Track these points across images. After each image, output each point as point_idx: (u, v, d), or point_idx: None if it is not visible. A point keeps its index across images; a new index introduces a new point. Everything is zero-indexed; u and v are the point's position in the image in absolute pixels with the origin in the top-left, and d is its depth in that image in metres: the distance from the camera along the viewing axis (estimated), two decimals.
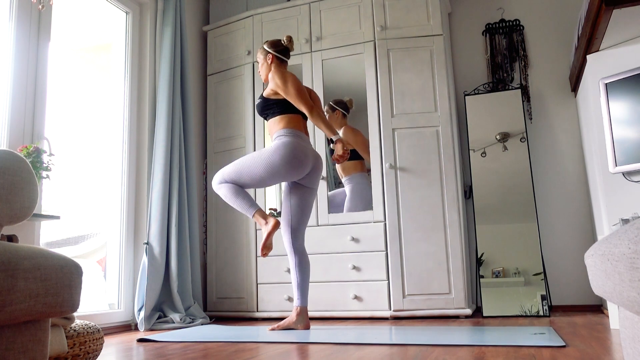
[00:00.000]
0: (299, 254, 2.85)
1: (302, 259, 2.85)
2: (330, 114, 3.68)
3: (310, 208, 2.93)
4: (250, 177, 2.77)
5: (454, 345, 2.10)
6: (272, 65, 2.96)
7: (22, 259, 1.06)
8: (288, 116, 2.84)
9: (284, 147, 2.73)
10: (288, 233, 2.86)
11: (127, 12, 3.61)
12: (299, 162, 2.74)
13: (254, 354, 2.07)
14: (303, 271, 2.83)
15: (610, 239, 0.91)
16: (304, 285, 2.82)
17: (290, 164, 2.72)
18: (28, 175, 1.27)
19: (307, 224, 2.95)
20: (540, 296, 3.26)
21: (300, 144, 2.77)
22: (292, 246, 2.85)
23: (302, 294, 2.81)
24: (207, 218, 3.96)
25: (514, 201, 3.50)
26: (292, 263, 2.85)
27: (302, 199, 2.88)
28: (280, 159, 2.71)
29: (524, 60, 3.84)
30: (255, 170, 2.75)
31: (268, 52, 2.98)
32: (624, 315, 1.01)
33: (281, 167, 2.72)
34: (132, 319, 3.30)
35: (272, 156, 2.72)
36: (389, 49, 3.54)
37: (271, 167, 2.72)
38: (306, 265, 2.85)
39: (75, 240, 3.50)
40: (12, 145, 2.57)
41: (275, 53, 2.97)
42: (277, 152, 2.72)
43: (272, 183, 2.84)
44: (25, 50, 2.70)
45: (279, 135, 2.80)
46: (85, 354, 1.75)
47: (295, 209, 2.87)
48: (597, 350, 1.89)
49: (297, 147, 2.75)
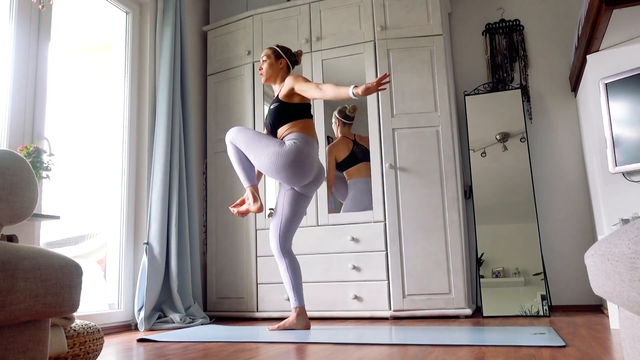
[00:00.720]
0: (288, 256, 2.83)
1: (293, 261, 2.83)
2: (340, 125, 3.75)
3: (302, 213, 2.91)
4: (253, 158, 2.77)
5: (454, 345, 2.10)
6: (284, 70, 2.93)
7: (22, 259, 1.06)
8: (302, 121, 2.81)
9: (293, 154, 2.69)
10: (277, 237, 2.83)
11: (127, 12, 3.61)
12: (304, 171, 2.72)
13: (254, 354, 2.07)
14: (295, 273, 2.81)
15: (610, 239, 0.91)
16: (299, 285, 2.81)
17: (294, 172, 2.70)
18: (28, 175, 1.27)
19: (296, 229, 2.93)
20: (540, 296, 3.26)
21: (310, 154, 2.74)
22: (280, 250, 2.83)
23: (298, 295, 2.80)
24: (207, 218, 3.96)
25: (514, 201, 3.50)
26: (282, 267, 2.82)
27: (297, 205, 2.85)
28: (287, 163, 2.68)
29: (524, 60, 3.84)
30: (261, 157, 2.73)
31: (282, 56, 2.94)
32: (624, 315, 1.01)
33: (283, 171, 2.70)
34: (132, 319, 3.30)
35: (280, 158, 2.69)
36: (389, 49, 3.54)
37: (275, 166, 2.70)
38: (297, 266, 2.84)
39: (75, 240, 3.50)
40: (12, 145, 2.57)
41: (289, 61, 2.96)
42: (286, 155, 2.69)
43: (269, 176, 2.84)
44: (25, 50, 2.70)
45: (293, 139, 2.74)
46: (85, 354, 1.75)
47: (287, 214, 2.84)
48: (597, 350, 1.89)
49: (307, 157, 2.72)
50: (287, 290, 2.84)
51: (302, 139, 2.75)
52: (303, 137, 2.75)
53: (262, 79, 2.98)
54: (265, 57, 2.96)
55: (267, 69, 2.94)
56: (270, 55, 2.95)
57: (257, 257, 3.67)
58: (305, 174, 2.74)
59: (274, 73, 2.94)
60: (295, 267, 2.83)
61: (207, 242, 3.91)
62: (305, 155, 2.71)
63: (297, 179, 2.74)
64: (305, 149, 2.73)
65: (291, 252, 2.87)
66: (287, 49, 3.01)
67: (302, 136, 2.76)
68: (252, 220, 3.72)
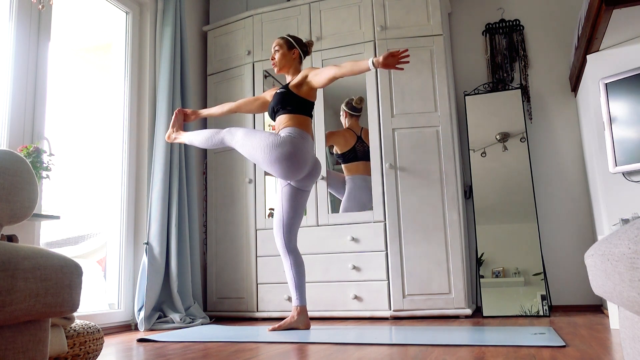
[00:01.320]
0: (293, 254, 2.84)
1: (297, 259, 2.85)
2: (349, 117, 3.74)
3: (303, 208, 2.91)
4: (249, 149, 2.78)
5: (454, 345, 2.10)
6: (297, 60, 2.94)
7: (22, 259, 1.06)
8: (301, 117, 2.81)
9: (287, 145, 2.69)
10: (281, 234, 2.85)
11: (127, 12, 3.61)
12: (297, 164, 2.72)
13: (254, 354, 2.07)
14: (299, 271, 2.83)
15: (610, 239, 0.91)
16: (302, 284, 2.82)
17: (288, 164, 2.70)
18: (28, 176, 1.27)
19: (300, 224, 2.93)
20: (540, 296, 3.25)
21: (304, 147, 2.75)
22: (285, 247, 2.84)
23: (300, 294, 2.81)
24: (207, 218, 3.96)
25: (514, 201, 3.50)
26: (287, 264, 2.84)
27: (295, 199, 2.86)
28: (281, 154, 2.68)
29: (524, 60, 3.84)
30: (257, 148, 2.73)
31: (295, 47, 2.95)
32: (624, 315, 1.01)
33: (277, 163, 2.70)
34: (132, 319, 3.30)
35: (275, 149, 2.69)
36: (389, 49, 3.53)
37: (269, 157, 2.69)
38: (301, 264, 2.85)
39: (75, 240, 3.50)
40: (12, 145, 2.57)
41: (301, 52, 2.97)
42: (280, 146, 2.69)
43: (265, 169, 2.84)
44: (25, 50, 2.70)
45: (288, 133, 2.75)
46: (85, 354, 1.75)
47: (287, 210, 2.85)
48: (597, 350, 1.89)
49: (300, 150, 2.72)
50: (290, 289, 2.85)
51: (297, 133, 2.76)
52: (298, 132, 2.76)
53: (275, 69, 2.97)
54: (278, 47, 2.95)
55: (280, 59, 2.93)
56: (283, 45, 2.94)
57: (257, 257, 3.67)
58: (299, 168, 2.74)
59: (287, 63, 2.93)
60: (300, 266, 2.84)
61: (207, 242, 3.91)
62: (299, 148, 2.71)
63: (292, 172, 2.74)
64: (300, 142, 2.73)
65: (296, 249, 2.88)
66: (299, 39, 3.02)
67: (298, 130, 2.77)
68: (252, 220, 3.72)
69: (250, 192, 3.76)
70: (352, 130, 3.73)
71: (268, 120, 3.92)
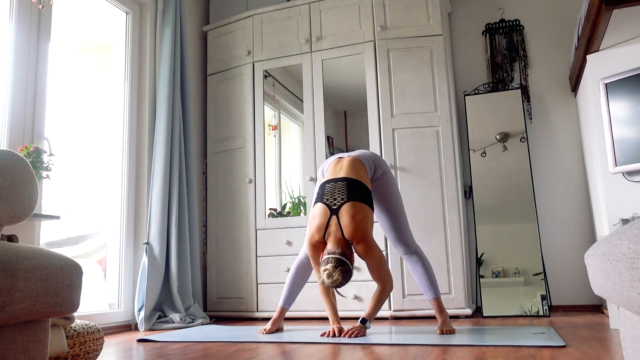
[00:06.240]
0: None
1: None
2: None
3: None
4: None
5: (454, 345, 2.10)
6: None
7: (22, 259, 1.06)
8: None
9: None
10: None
11: (127, 12, 3.61)
12: None
13: (254, 354, 2.07)
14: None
15: (610, 239, 0.91)
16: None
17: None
18: (28, 175, 1.27)
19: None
20: (540, 296, 3.26)
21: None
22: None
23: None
24: (207, 218, 3.96)
25: (514, 201, 3.50)
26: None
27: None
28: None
29: (524, 60, 3.84)
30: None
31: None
32: (624, 315, 1.01)
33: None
34: (132, 319, 3.30)
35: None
36: (389, 49, 3.54)
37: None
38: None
39: (75, 240, 3.49)
40: (12, 145, 2.57)
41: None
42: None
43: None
44: (25, 50, 2.70)
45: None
46: (85, 354, 1.75)
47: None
48: (597, 350, 1.89)
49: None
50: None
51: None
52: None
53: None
54: None
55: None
56: None
57: (257, 257, 3.67)
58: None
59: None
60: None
61: (207, 242, 3.91)
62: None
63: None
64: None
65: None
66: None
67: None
68: (252, 220, 3.72)
69: (250, 192, 3.76)
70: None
71: (268, 120, 3.93)
